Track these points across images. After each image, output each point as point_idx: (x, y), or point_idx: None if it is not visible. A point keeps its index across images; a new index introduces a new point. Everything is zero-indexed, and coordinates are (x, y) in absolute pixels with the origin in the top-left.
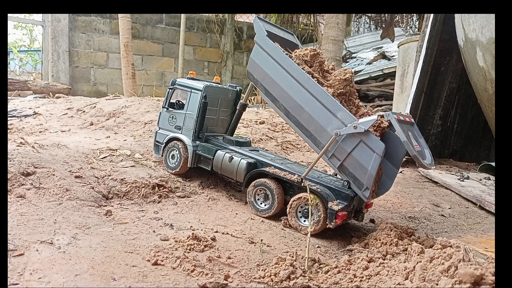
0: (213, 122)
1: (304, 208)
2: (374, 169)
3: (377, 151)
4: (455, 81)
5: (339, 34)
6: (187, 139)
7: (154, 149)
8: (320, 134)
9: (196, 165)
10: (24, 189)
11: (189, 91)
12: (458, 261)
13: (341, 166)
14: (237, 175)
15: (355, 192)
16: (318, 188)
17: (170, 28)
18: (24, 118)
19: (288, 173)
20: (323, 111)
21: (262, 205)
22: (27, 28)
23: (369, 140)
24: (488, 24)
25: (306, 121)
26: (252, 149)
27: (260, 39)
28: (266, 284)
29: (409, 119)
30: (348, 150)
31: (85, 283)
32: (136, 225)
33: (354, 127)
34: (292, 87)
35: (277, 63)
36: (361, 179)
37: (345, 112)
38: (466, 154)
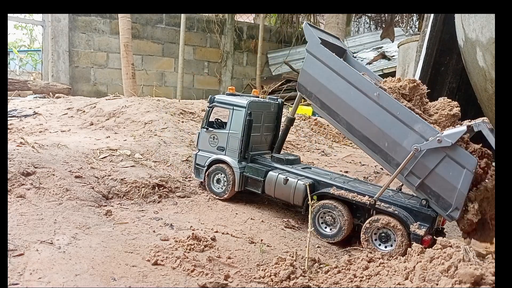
0: (257, 139)
1: (381, 232)
2: (465, 187)
3: (467, 166)
4: (455, 81)
5: (339, 34)
6: (232, 160)
7: (195, 173)
8: (394, 149)
9: (244, 188)
10: (24, 189)
11: (231, 108)
12: (458, 261)
13: (421, 185)
14: (294, 198)
15: (436, 212)
16: (395, 210)
17: (170, 28)
18: (24, 118)
19: (356, 194)
20: (397, 124)
21: (327, 229)
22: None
23: (457, 154)
24: (488, 24)
25: (374, 136)
26: (304, 166)
27: (314, 48)
28: (266, 284)
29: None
30: (430, 167)
31: (85, 283)
32: (136, 225)
33: (439, 141)
34: (355, 98)
35: (335, 72)
36: (447, 199)
37: (425, 124)
38: None
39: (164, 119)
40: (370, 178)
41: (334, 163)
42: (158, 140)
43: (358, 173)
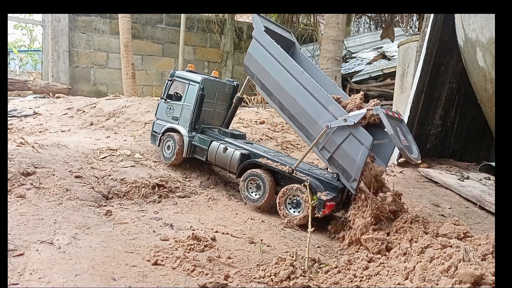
0: (210, 114)
1: (293, 198)
2: (362, 161)
3: (365, 143)
4: (455, 81)
5: (339, 34)
6: (183, 129)
7: (151, 139)
8: (312, 126)
9: (191, 155)
10: (24, 189)
11: (187, 83)
12: (458, 261)
13: (331, 158)
14: (230, 165)
15: (343, 184)
16: (308, 179)
17: (170, 28)
18: (24, 118)
19: (279, 164)
20: (316, 105)
21: (253, 194)
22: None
23: (358, 133)
24: (488, 24)
25: (299, 114)
26: (246, 141)
27: (258, 34)
28: (266, 284)
29: (397, 116)
30: (338, 142)
31: (85, 283)
32: (136, 225)
33: (344, 120)
34: (287, 81)
35: (274, 57)
36: (349, 171)
37: (336, 105)
38: (466, 154)
39: None
40: None
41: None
42: None
43: None
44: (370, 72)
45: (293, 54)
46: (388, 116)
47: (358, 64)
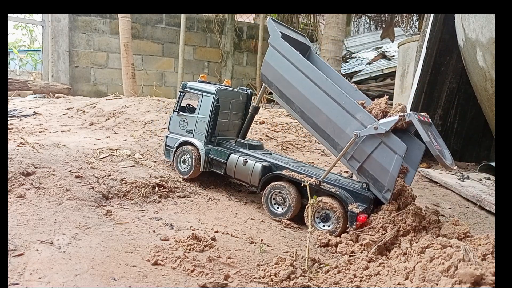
0: (225, 125)
1: (322, 212)
2: (396, 170)
3: (398, 152)
4: (455, 81)
5: (339, 34)
6: (199, 142)
7: (165, 154)
8: (339, 136)
9: (208, 169)
10: (24, 189)
11: (201, 94)
12: (458, 261)
13: (361, 168)
14: (252, 179)
15: (374, 194)
16: (337, 191)
17: (170, 28)
18: (24, 118)
19: (305, 176)
20: (342, 113)
21: (278, 208)
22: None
23: (390, 141)
24: (488, 24)
25: (323, 123)
26: (265, 152)
27: (275, 41)
28: (266, 284)
29: (427, 120)
30: (368, 152)
31: (85, 283)
32: (136, 225)
33: (375, 128)
34: (309, 88)
35: (293, 64)
36: (382, 181)
37: (365, 113)
38: (466, 154)
39: (164, 119)
40: None
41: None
42: (158, 140)
43: None
44: (370, 72)
45: (309, 58)
46: (421, 121)
47: (358, 64)
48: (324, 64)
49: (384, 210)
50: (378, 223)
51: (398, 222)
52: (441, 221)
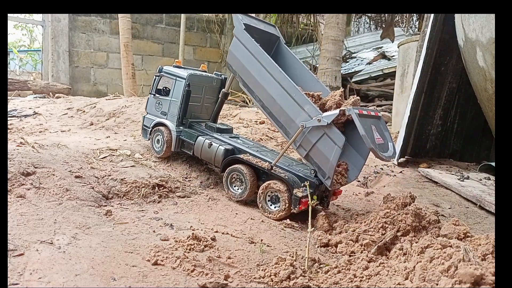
0: (198, 108)
1: (272, 195)
2: (335, 160)
3: (338, 143)
4: (455, 81)
5: (339, 34)
6: (171, 124)
7: (142, 133)
8: (290, 125)
9: (179, 149)
10: (24, 189)
11: (174, 79)
12: (458, 261)
13: (307, 156)
14: (215, 160)
15: (320, 180)
16: (286, 176)
17: (170, 28)
18: (24, 118)
19: (260, 160)
20: (293, 104)
21: (236, 189)
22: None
23: (331, 133)
24: (488, 24)
25: (277, 112)
26: (232, 136)
27: (238, 32)
28: (266, 284)
29: (374, 113)
30: (313, 141)
31: (85, 283)
32: (136, 225)
33: (318, 120)
34: (266, 79)
35: (253, 56)
36: (324, 169)
37: (312, 106)
38: (466, 154)
39: None
40: (370, 178)
41: None
42: None
43: None
44: (370, 72)
45: (278, 48)
46: (362, 115)
47: (358, 64)
48: (290, 55)
49: (384, 210)
50: (378, 223)
51: (398, 222)
52: (441, 221)
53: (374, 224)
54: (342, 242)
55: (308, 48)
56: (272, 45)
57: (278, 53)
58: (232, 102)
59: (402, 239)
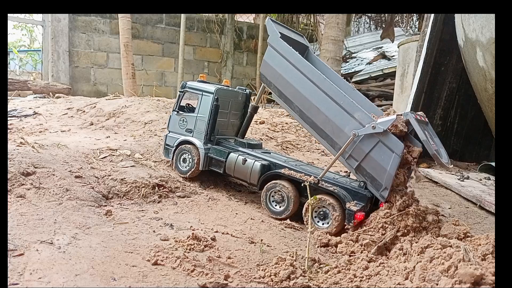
0: (224, 125)
1: (320, 210)
2: (393, 168)
3: (396, 151)
4: (455, 81)
5: (339, 34)
6: (198, 142)
7: (164, 153)
8: (337, 135)
9: (208, 168)
10: (24, 189)
11: (200, 94)
12: (458, 261)
13: (359, 167)
14: (251, 177)
15: (371, 192)
16: (335, 189)
17: (170, 28)
18: (24, 118)
19: (303, 174)
20: (340, 112)
21: (277, 207)
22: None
23: (387, 140)
24: (488, 24)
25: (322, 122)
26: (264, 151)
27: (274, 41)
28: (266, 284)
29: (424, 119)
30: (366, 151)
31: (85, 283)
32: (136, 225)
33: (373, 127)
34: (308, 88)
35: (292, 64)
36: (379, 180)
37: (363, 112)
38: (466, 154)
39: (164, 119)
40: None
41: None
42: (158, 140)
43: None
44: (370, 72)
45: (307, 58)
46: (417, 120)
47: (358, 64)
48: (322, 64)
49: (384, 210)
50: (378, 223)
51: (398, 222)
52: (441, 221)
53: (374, 224)
54: (342, 242)
55: None
56: (302, 54)
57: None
58: None
59: (402, 239)
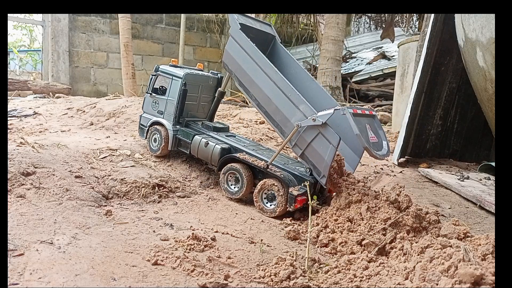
0: (194, 107)
1: (269, 193)
2: (330, 159)
3: (333, 142)
4: (455, 81)
5: (339, 34)
6: (168, 123)
7: (139, 132)
8: (285, 124)
9: (176, 148)
10: (24, 189)
11: (170, 78)
12: (458, 261)
13: (303, 155)
14: (211, 159)
15: (315, 178)
16: (282, 174)
17: (170, 28)
18: (24, 118)
19: (256, 159)
20: (288, 104)
21: (232, 187)
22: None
23: (326, 132)
24: (488, 24)
25: (273, 112)
26: (228, 134)
27: (234, 32)
28: (266, 284)
29: (369, 112)
30: (308, 141)
31: (85, 283)
32: (136, 225)
33: (313, 120)
34: (261, 79)
35: (248, 55)
36: (319, 168)
37: (307, 105)
38: (466, 154)
39: None
40: (370, 178)
41: None
42: None
43: (357, 172)
44: (370, 72)
45: (273, 47)
46: (356, 114)
47: (358, 64)
48: (286, 55)
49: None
50: (378, 223)
51: (398, 222)
52: (441, 221)
53: (374, 225)
54: (342, 242)
55: (308, 48)
56: (268, 44)
57: (274, 52)
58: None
59: (402, 240)
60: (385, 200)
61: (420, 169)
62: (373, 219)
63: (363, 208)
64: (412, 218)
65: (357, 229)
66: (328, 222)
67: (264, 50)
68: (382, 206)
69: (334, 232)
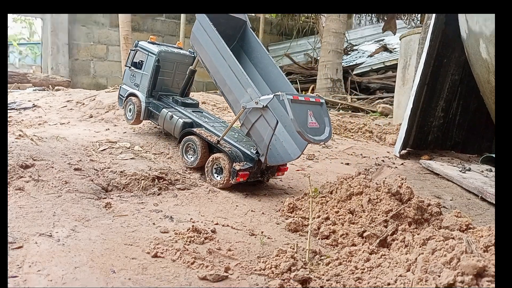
0: (168, 83)
1: (217, 166)
2: (268, 139)
3: (271, 124)
4: (458, 73)
5: (340, 26)
6: (141, 95)
7: (118, 102)
8: (236, 105)
9: (148, 118)
10: (23, 181)
11: (147, 54)
12: (460, 253)
13: (248, 134)
14: (174, 131)
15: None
16: (229, 150)
17: (170, 21)
18: (23, 110)
19: (211, 134)
20: (238, 86)
21: (190, 157)
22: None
23: (266, 115)
24: (492, 17)
25: (227, 92)
26: (196, 110)
27: (200, 16)
28: (267, 276)
29: (315, 99)
30: (252, 121)
31: (85, 276)
32: (136, 218)
33: (256, 103)
34: (219, 61)
35: (210, 38)
36: (259, 146)
37: (253, 89)
38: (468, 146)
39: None
40: (371, 170)
41: (335, 155)
42: (158, 133)
43: (359, 165)
44: (371, 64)
45: (244, 32)
46: (296, 101)
47: (360, 57)
48: (255, 40)
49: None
50: (380, 215)
51: (399, 214)
52: (443, 213)
53: (375, 217)
54: (343, 234)
55: (309, 40)
56: (239, 29)
57: (244, 37)
58: None
59: (404, 231)
60: (387, 192)
61: (422, 161)
62: (374, 211)
63: (365, 200)
64: (414, 210)
65: (358, 221)
66: (329, 214)
67: (234, 35)
68: (384, 198)
69: (335, 224)
